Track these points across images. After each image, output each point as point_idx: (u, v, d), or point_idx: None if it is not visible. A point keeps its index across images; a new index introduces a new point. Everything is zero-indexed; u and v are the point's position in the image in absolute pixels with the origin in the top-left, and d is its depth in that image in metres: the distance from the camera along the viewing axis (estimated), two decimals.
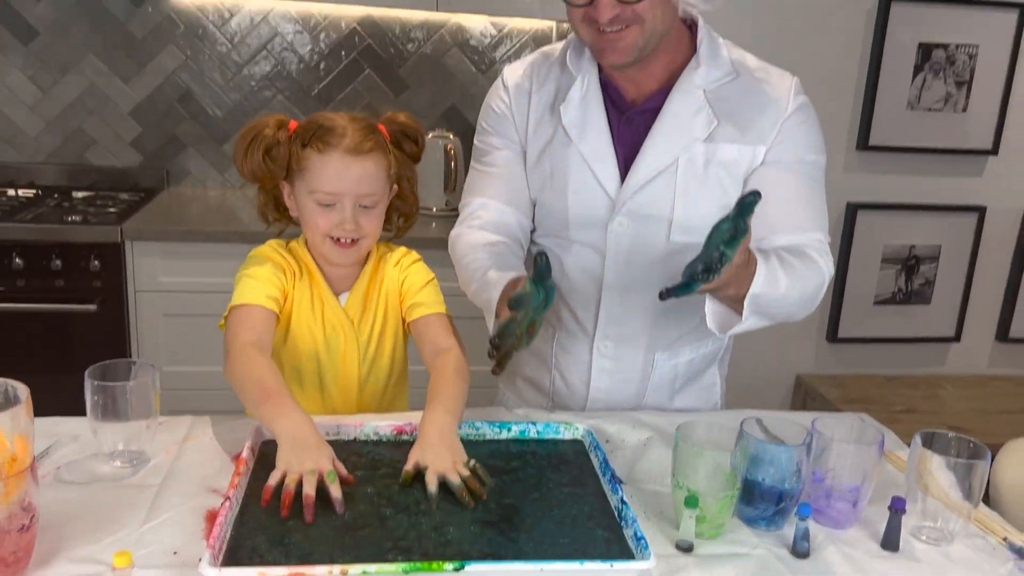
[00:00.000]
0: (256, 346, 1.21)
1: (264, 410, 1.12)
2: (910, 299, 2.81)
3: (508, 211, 1.42)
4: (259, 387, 1.15)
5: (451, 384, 1.23)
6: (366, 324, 1.37)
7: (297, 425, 1.09)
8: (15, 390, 0.89)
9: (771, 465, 1.05)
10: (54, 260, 2.36)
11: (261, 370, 1.17)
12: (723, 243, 1.03)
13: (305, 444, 1.07)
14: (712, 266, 1.04)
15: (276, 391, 1.14)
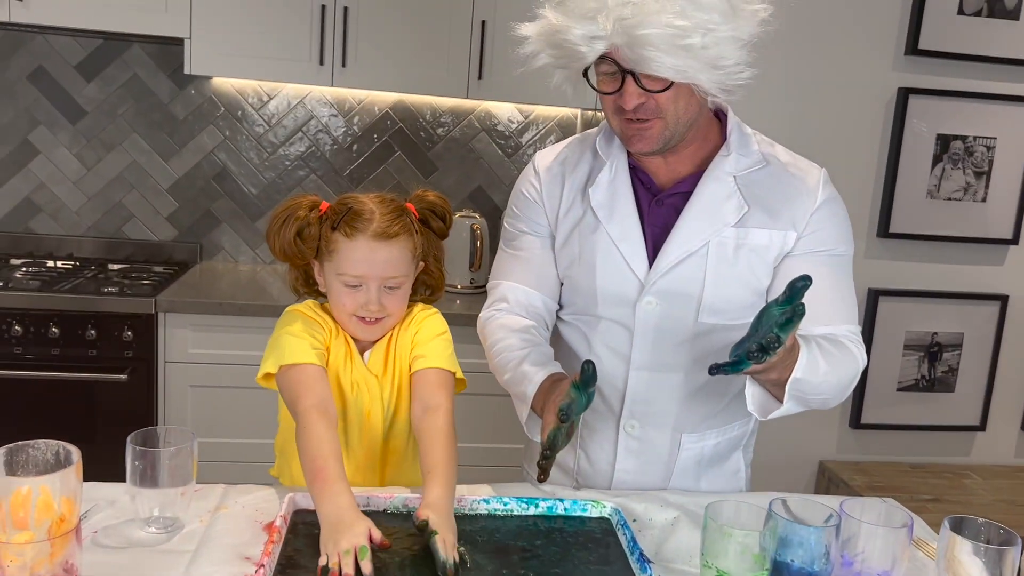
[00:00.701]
0: (318, 409, 1.22)
1: (313, 490, 1.15)
2: (933, 386, 2.80)
3: (535, 294, 1.47)
4: (311, 464, 1.16)
5: (446, 454, 1.22)
6: (387, 379, 1.39)
7: (335, 507, 1.11)
8: (67, 452, 0.92)
9: (800, 547, 1.06)
10: (89, 330, 2.42)
11: (315, 444, 1.18)
12: (777, 326, 1.07)
13: (341, 525, 1.08)
14: (768, 347, 1.07)
15: (322, 469, 1.15)
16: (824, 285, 1.35)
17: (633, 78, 1.24)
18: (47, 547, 0.87)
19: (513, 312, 1.45)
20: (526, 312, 1.45)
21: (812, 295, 1.09)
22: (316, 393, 1.26)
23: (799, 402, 1.25)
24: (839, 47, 2.58)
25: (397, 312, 1.37)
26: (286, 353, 1.30)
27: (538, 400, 1.31)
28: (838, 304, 1.38)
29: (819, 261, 1.36)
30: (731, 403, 1.45)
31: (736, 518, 1.08)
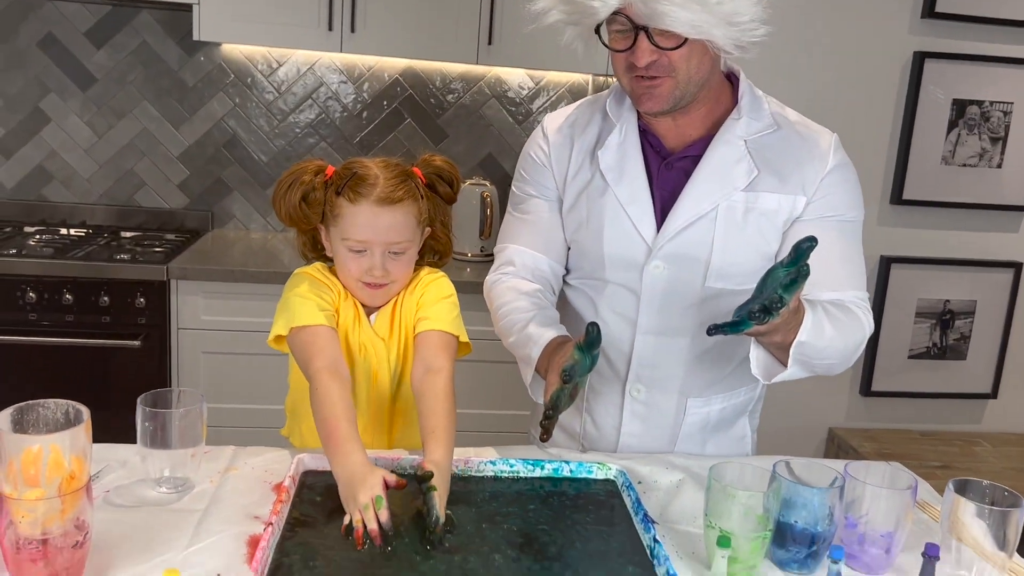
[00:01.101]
0: (329, 370, 1.23)
1: (327, 451, 1.16)
2: (945, 354, 2.79)
3: (542, 258, 1.47)
4: (324, 426, 1.18)
5: (447, 417, 1.23)
6: (393, 342, 1.39)
7: (349, 465, 1.12)
8: (77, 411, 0.93)
9: (804, 508, 1.06)
10: (102, 297, 2.44)
11: (328, 405, 1.19)
12: (781, 287, 1.07)
13: (355, 480, 1.10)
14: (771, 307, 1.07)
15: (335, 429, 1.16)
16: (833, 251, 1.34)
17: (646, 35, 1.23)
18: (58, 504, 0.88)
19: (519, 276, 1.45)
20: (532, 276, 1.45)
21: (821, 261, 1.09)
22: (327, 354, 1.27)
23: (803, 366, 1.24)
24: (854, 9, 2.54)
25: (402, 278, 1.37)
26: (296, 315, 1.30)
27: (542, 362, 1.31)
28: (847, 270, 1.37)
29: (829, 226, 1.35)
30: (737, 368, 1.45)
31: (740, 479, 1.08)
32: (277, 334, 1.33)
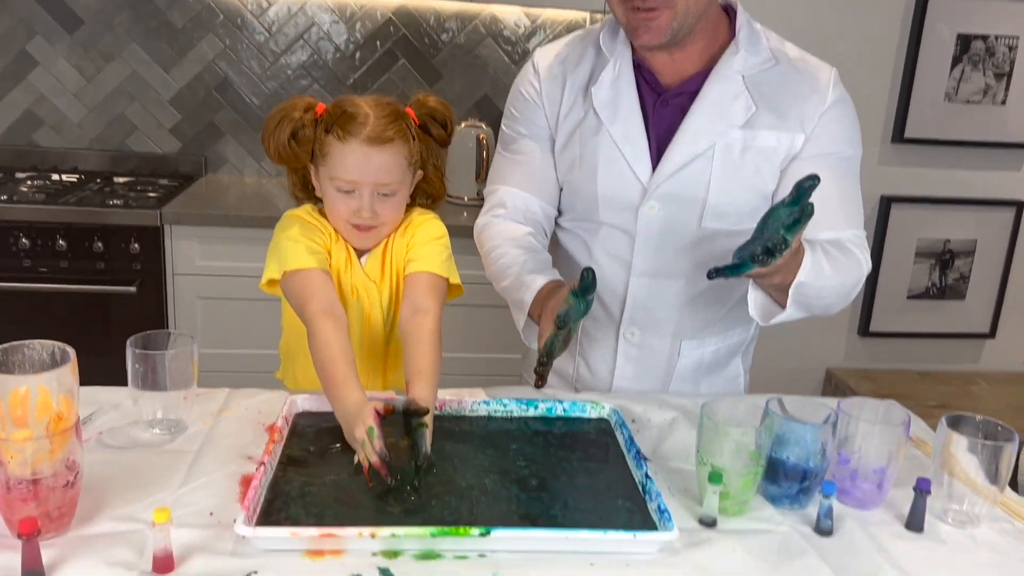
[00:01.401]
0: (325, 313, 1.22)
1: (328, 394, 1.16)
2: (944, 294, 2.78)
3: (533, 200, 1.44)
4: (322, 369, 1.17)
5: (433, 358, 1.21)
6: (385, 285, 1.38)
7: (346, 405, 1.12)
8: (62, 351, 0.93)
9: (796, 444, 1.06)
10: (96, 243, 2.42)
11: (325, 348, 1.18)
12: (784, 227, 1.04)
13: (349, 419, 1.10)
14: (775, 248, 1.04)
15: (332, 372, 1.16)
16: (830, 189, 1.31)
17: None
18: (47, 444, 0.88)
19: (511, 218, 1.43)
20: (524, 218, 1.43)
21: (817, 199, 1.06)
22: (322, 297, 1.25)
23: (802, 307, 1.23)
24: None
25: (391, 220, 1.35)
26: (288, 259, 1.29)
27: (535, 307, 1.30)
28: (844, 209, 1.35)
29: (826, 164, 1.31)
30: (732, 309, 1.44)
31: (732, 417, 1.08)
32: (270, 278, 1.31)
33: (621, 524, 0.99)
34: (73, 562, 0.88)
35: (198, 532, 0.94)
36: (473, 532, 0.92)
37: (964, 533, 1.05)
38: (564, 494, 1.05)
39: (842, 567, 0.96)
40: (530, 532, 0.95)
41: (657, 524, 0.99)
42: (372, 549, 0.92)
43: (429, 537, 0.92)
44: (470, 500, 1.02)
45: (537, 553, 0.93)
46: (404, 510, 0.99)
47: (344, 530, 0.92)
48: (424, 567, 0.91)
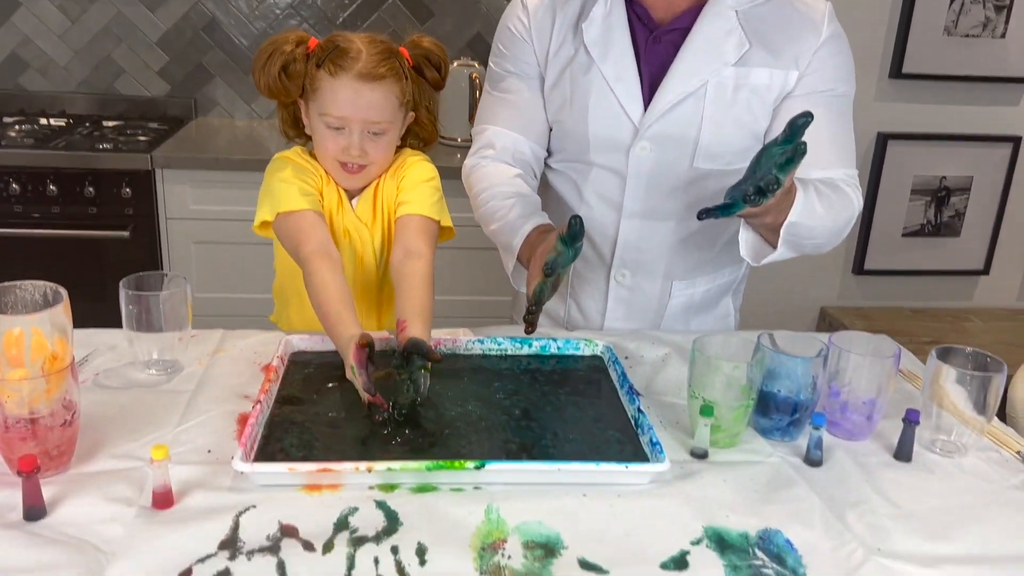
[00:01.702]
0: (318, 254, 1.22)
1: (328, 334, 1.16)
2: (939, 231, 2.78)
3: (522, 140, 1.41)
4: (319, 310, 1.17)
5: (426, 301, 1.21)
6: (377, 227, 1.38)
7: (339, 342, 1.12)
8: (54, 291, 0.93)
9: (787, 378, 1.07)
10: (87, 187, 2.41)
11: (321, 289, 1.18)
12: (777, 166, 1.03)
13: (344, 356, 1.10)
14: (767, 188, 1.03)
15: (328, 312, 1.15)
16: (824, 127, 1.30)
17: None
18: (43, 383, 0.89)
19: (500, 160, 1.41)
20: (513, 159, 1.41)
21: (810, 138, 1.05)
22: (315, 238, 1.25)
23: (793, 247, 1.23)
24: None
25: (381, 161, 1.34)
26: (281, 201, 1.28)
27: (524, 252, 1.29)
28: (837, 147, 1.34)
29: (819, 102, 1.30)
30: (722, 250, 1.44)
31: (724, 351, 1.09)
32: (262, 220, 1.31)
33: (613, 456, 1.01)
34: (73, 499, 0.89)
35: (196, 469, 0.95)
36: (468, 465, 0.94)
37: (951, 462, 1.07)
38: (557, 428, 1.06)
39: (831, 496, 0.97)
40: (524, 464, 0.97)
41: (649, 456, 1.00)
42: (369, 483, 0.94)
43: (425, 471, 0.94)
44: (465, 434, 1.04)
45: (531, 485, 0.95)
46: (400, 445, 1.01)
47: (341, 465, 0.93)
48: (420, 499, 0.92)
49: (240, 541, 0.84)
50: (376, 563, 0.82)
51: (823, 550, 0.88)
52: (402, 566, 0.82)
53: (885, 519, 0.94)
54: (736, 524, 0.91)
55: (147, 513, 0.87)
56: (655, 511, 0.92)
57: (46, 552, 0.81)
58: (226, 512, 0.88)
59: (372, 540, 0.85)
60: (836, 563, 0.86)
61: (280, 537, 0.85)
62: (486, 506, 0.91)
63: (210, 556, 0.82)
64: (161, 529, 0.85)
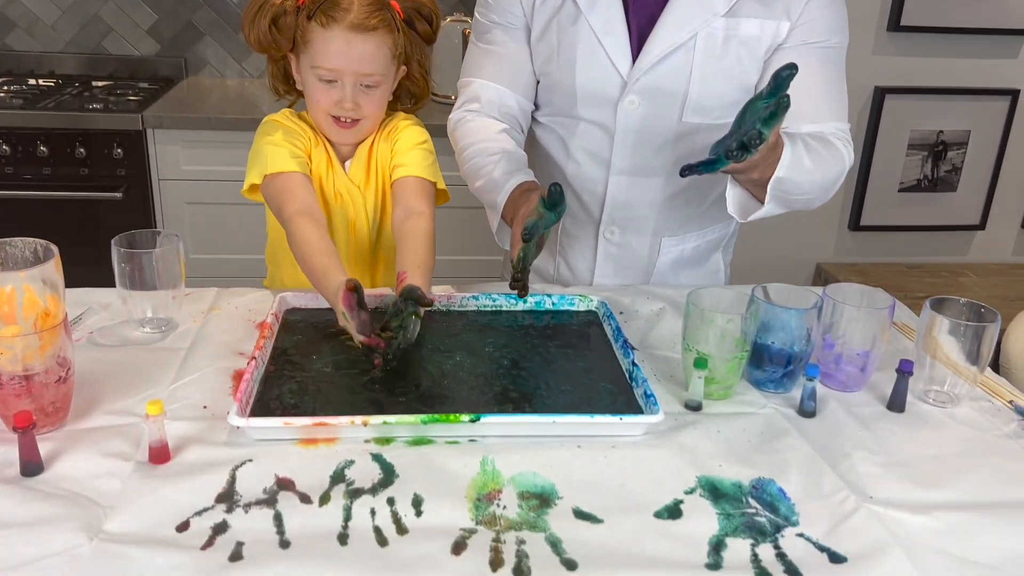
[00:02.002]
0: (302, 213, 1.21)
1: (318, 289, 1.15)
2: (936, 186, 2.77)
3: (509, 94, 1.39)
4: (307, 266, 1.17)
5: (428, 256, 1.21)
6: (370, 190, 1.37)
7: (327, 293, 1.12)
8: (45, 248, 0.92)
9: (781, 330, 1.07)
10: (78, 148, 2.38)
11: (306, 245, 1.18)
12: (761, 121, 1.00)
13: (334, 307, 1.09)
14: (750, 143, 1.00)
15: (315, 267, 1.15)
16: (815, 80, 1.28)
17: None
18: (36, 340, 0.88)
19: (485, 114, 1.39)
20: (499, 113, 1.39)
21: (802, 90, 1.02)
22: (300, 198, 1.24)
23: (781, 203, 1.21)
24: None
25: (374, 115, 1.33)
26: (268, 162, 1.27)
27: (508, 209, 1.27)
28: (829, 100, 1.31)
29: (812, 54, 1.28)
30: (712, 206, 1.43)
31: (718, 304, 1.09)
32: (251, 183, 1.30)
33: (608, 409, 1.01)
34: (70, 454, 0.89)
35: (192, 424, 0.95)
36: (463, 418, 0.94)
37: (944, 412, 1.07)
38: (552, 381, 1.07)
39: (824, 446, 0.98)
40: (519, 417, 0.97)
41: (643, 408, 1.01)
42: (364, 437, 0.94)
43: (420, 424, 0.94)
44: (461, 388, 1.04)
45: (526, 437, 0.95)
46: (396, 398, 1.01)
47: (336, 419, 0.93)
48: (416, 452, 0.93)
49: (237, 494, 0.85)
50: (373, 514, 0.83)
51: (815, 498, 0.89)
52: (398, 517, 0.83)
53: (877, 468, 0.94)
54: (729, 474, 0.92)
55: (144, 468, 0.88)
56: (649, 462, 0.93)
57: (44, 507, 0.81)
58: (222, 466, 0.88)
59: (368, 492, 0.86)
60: (828, 510, 0.87)
61: (277, 490, 0.86)
62: (481, 458, 0.92)
63: (207, 509, 0.83)
64: (158, 483, 0.85)
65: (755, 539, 0.82)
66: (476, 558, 0.78)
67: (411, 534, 0.81)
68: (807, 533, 0.84)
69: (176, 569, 0.75)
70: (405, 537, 0.80)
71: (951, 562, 0.80)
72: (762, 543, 0.82)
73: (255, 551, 0.77)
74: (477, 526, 0.82)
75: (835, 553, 0.81)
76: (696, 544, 0.81)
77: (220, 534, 0.79)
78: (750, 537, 0.83)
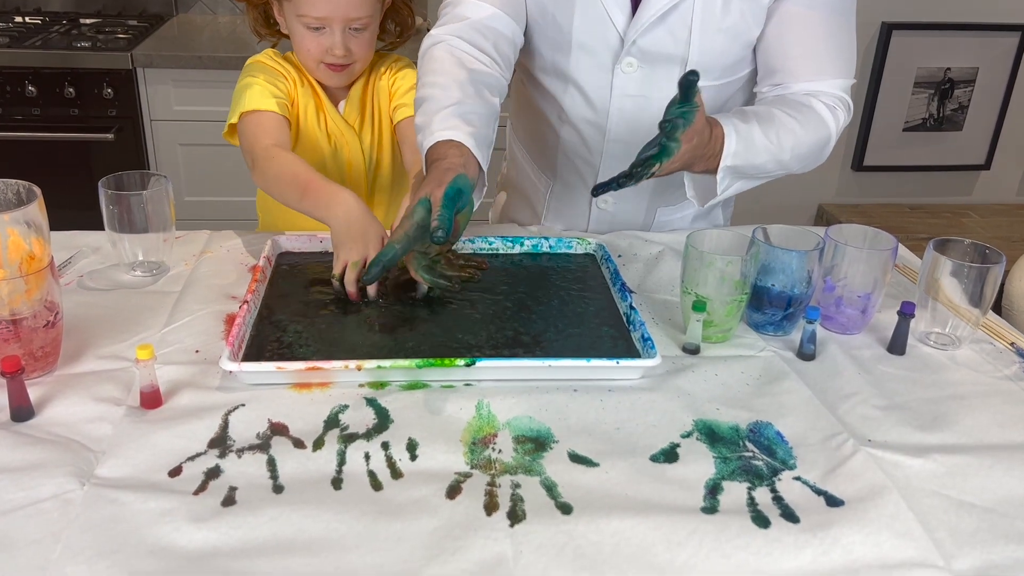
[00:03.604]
0: (279, 147, 1.19)
1: (308, 202, 1.11)
2: (941, 125, 2.73)
3: (501, 16, 1.24)
4: (296, 181, 1.13)
5: None
6: (366, 131, 1.35)
7: (344, 207, 1.08)
8: (28, 189, 0.90)
9: (782, 272, 1.05)
10: (67, 88, 2.34)
11: (294, 165, 1.15)
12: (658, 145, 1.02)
13: (352, 231, 1.07)
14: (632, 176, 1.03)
15: (315, 180, 1.12)
16: (816, 34, 1.21)
17: None
18: (22, 284, 0.87)
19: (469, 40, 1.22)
20: (486, 39, 1.23)
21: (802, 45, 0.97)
22: (275, 135, 1.21)
23: (744, 182, 1.18)
24: None
25: (364, 56, 1.30)
26: (246, 101, 1.24)
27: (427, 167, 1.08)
28: (831, 56, 1.23)
29: (815, 3, 1.20)
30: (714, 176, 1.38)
31: (718, 246, 1.07)
32: (230, 123, 1.27)
33: (605, 353, 1.00)
34: (61, 399, 0.88)
35: (184, 369, 0.94)
36: (458, 362, 0.93)
37: (945, 354, 1.06)
38: (548, 325, 1.05)
39: (823, 389, 0.97)
40: (514, 362, 0.96)
41: (640, 352, 1.00)
42: (359, 381, 0.93)
43: (415, 368, 0.93)
44: (456, 332, 1.03)
45: (522, 381, 0.94)
46: (391, 343, 1.00)
47: (330, 363, 0.92)
48: (411, 397, 0.92)
49: (230, 439, 0.84)
50: (367, 459, 0.82)
51: (813, 441, 0.88)
52: (393, 461, 0.82)
53: (876, 411, 0.94)
54: (727, 417, 0.91)
55: (136, 413, 0.87)
56: (646, 405, 0.92)
57: (35, 452, 0.80)
58: (215, 411, 0.87)
59: (363, 437, 0.85)
60: (826, 454, 0.86)
61: (270, 435, 0.85)
62: (477, 402, 0.91)
63: (200, 454, 0.82)
64: (150, 428, 0.85)
65: (752, 483, 0.82)
66: (471, 502, 0.77)
67: (406, 478, 0.80)
68: (804, 477, 0.83)
69: (168, 514, 0.74)
70: (400, 481, 0.80)
71: (949, 505, 0.80)
72: (759, 487, 0.81)
73: (248, 496, 0.77)
74: (472, 470, 0.81)
75: (832, 496, 0.80)
76: (692, 488, 0.81)
77: (213, 479, 0.79)
78: (747, 481, 0.82)
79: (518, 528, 0.75)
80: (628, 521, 0.75)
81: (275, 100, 1.24)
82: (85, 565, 0.69)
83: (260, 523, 0.74)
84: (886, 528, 0.76)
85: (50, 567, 0.68)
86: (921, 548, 0.75)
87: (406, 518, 0.75)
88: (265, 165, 1.18)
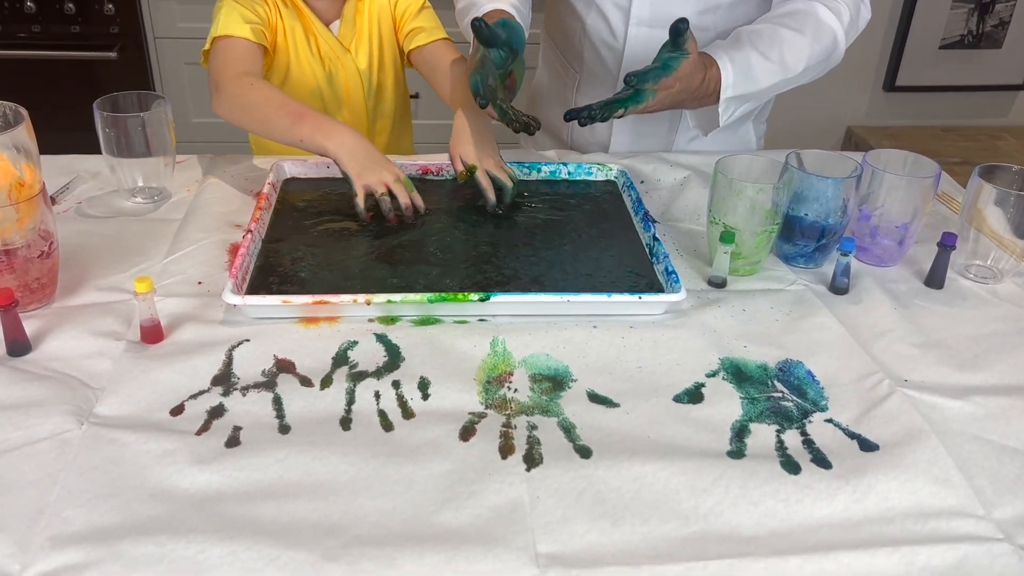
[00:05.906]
0: (251, 75, 1.12)
1: (304, 129, 1.05)
2: (979, 42, 2.59)
3: None
4: (285, 108, 1.06)
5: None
6: (363, 52, 1.27)
7: (352, 137, 1.04)
8: (14, 111, 0.85)
9: (816, 201, 0.99)
10: (67, 3, 2.25)
11: (278, 93, 1.09)
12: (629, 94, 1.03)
13: (359, 156, 1.04)
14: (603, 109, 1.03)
15: (307, 109, 1.07)
16: None
17: None
18: (12, 212, 0.82)
19: None
20: None
21: None
22: (246, 64, 1.14)
23: (750, 105, 1.16)
24: None
25: None
26: (219, 26, 1.16)
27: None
28: None
29: None
30: None
31: (748, 173, 1.00)
32: (203, 51, 1.20)
33: (626, 286, 0.95)
34: (58, 333, 0.85)
35: (187, 301, 0.90)
36: (472, 297, 0.88)
37: (986, 288, 1.01)
38: (567, 257, 1.00)
39: (856, 326, 0.92)
40: (531, 296, 0.91)
41: (664, 286, 0.95)
42: (368, 316, 0.89)
43: (427, 303, 0.88)
44: (470, 264, 0.98)
45: (539, 317, 0.90)
46: (402, 275, 0.95)
47: (338, 297, 0.88)
48: (423, 332, 0.88)
49: (234, 376, 0.80)
50: (377, 398, 0.79)
51: (846, 382, 0.83)
52: (404, 400, 0.79)
53: (913, 349, 0.89)
54: (755, 355, 0.86)
55: (136, 348, 0.83)
56: (669, 343, 0.87)
57: (32, 388, 0.77)
58: (218, 346, 0.84)
59: (373, 375, 0.81)
60: (860, 395, 0.82)
61: (276, 372, 0.81)
62: (492, 339, 0.87)
63: (203, 392, 0.78)
64: (151, 364, 0.81)
65: (781, 425, 0.78)
66: (485, 444, 0.74)
67: (417, 418, 0.77)
68: (836, 419, 0.79)
69: (170, 455, 0.71)
70: (411, 422, 0.76)
71: (990, 450, 0.76)
72: (788, 429, 0.77)
73: (253, 436, 0.74)
74: (487, 410, 0.78)
75: (866, 440, 0.76)
76: (718, 430, 0.77)
77: (216, 418, 0.76)
78: (776, 423, 0.78)
79: (535, 472, 0.71)
80: (650, 466, 0.72)
81: (249, 26, 1.16)
82: (84, 508, 0.66)
83: (265, 465, 0.71)
84: (923, 474, 0.72)
85: (47, 510, 0.66)
86: (960, 496, 0.71)
87: (418, 460, 0.72)
88: (235, 91, 1.10)
